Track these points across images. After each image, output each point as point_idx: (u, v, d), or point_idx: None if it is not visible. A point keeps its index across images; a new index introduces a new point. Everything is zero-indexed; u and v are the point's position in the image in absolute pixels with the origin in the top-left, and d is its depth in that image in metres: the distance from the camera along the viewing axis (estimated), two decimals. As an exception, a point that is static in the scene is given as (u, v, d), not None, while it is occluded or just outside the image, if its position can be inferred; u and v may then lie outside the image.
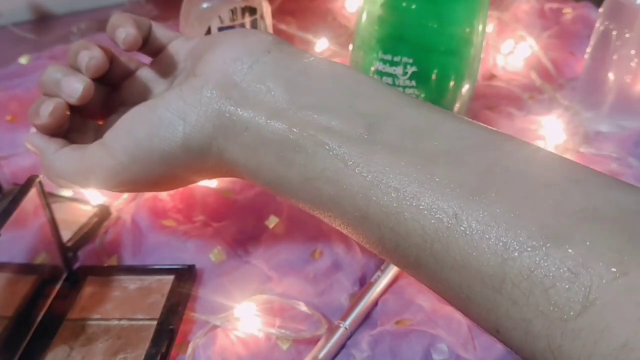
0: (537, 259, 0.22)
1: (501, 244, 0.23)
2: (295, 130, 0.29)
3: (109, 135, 0.34)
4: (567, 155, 0.54)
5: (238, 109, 0.31)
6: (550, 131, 0.57)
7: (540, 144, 0.56)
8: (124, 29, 0.36)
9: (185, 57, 0.38)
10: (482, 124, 0.28)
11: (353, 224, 0.28)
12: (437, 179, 0.25)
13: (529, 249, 0.22)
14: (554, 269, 0.21)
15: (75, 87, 0.35)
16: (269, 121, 0.30)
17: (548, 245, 0.22)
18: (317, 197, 0.29)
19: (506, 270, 0.23)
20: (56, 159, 0.36)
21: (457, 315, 0.39)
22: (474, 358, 0.36)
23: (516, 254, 0.22)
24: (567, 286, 0.21)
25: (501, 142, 0.27)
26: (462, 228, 0.24)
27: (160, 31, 0.40)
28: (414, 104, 0.29)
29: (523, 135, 0.58)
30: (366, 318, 0.40)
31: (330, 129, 0.28)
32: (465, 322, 0.39)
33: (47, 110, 0.36)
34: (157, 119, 0.32)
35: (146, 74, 0.40)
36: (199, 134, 0.31)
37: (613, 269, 0.21)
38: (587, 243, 0.22)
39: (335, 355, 0.37)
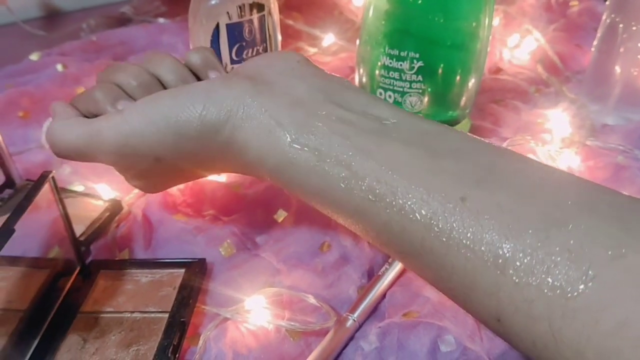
0: (538, 240, 0.23)
1: (505, 225, 0.24)
2: (311, 117, 0.31)
3: (129, 104, 0.35)
4: (573, 148, 0.54)
5: (261, 94, 0.33)
6: (557, 124, 0.56)
7: (546, 137, 0.56)
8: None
9: None
10: (478, 137, 0.31)
11: (361, 209, 0.29)
12: (444, 169, 0.27)
13: (531, 231, 0.23)
14: (554, 249, 0.23)
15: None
16: (288, 108, 0.32)
17: (548, 228, 0.23)
18: (326, 182, 0.30)
19: (509, 251, 0.24)
20: (64, 122, 0.36)
21: (464, 307, 0.39)
22: (481, 349, 0.36)
23: (518, 235, 0.24)
24: (566, 267, 0.22)
25: (500, 149, 0.29)
26: (468, 210, 0.25)
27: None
28: (422, 118, 0.32)
29: (529, 128, 0.58)
30: (374, 310, 0.40)
31: (347, 121, 0.30)
32: (472, 314, 0.39)
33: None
34: (184, 93, 0.34)
35: None
36: (217, 107, 0.33)
37: (610, 251, 0.22)
38: (586, 228, 0.23)
39: (344, 347, 0.37)
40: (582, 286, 0.22)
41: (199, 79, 0.39)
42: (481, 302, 0.25)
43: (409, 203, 0.27)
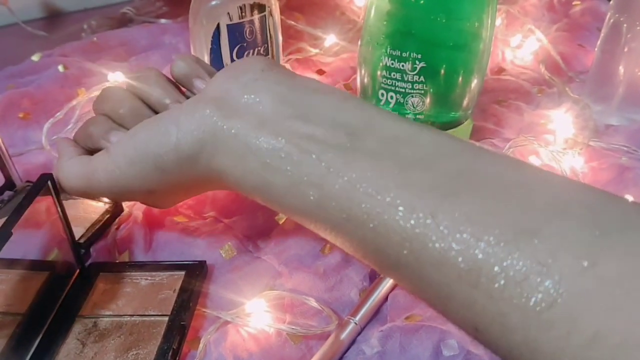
0: (509, 252, 0.23)
1: (474, 239, 0.24)
2: (281, 138, 0.31)
3: (115, 143, 0.37)
4: (577, 149, 0.53)
5: (228, 118, 0.33)
6: (560, 125, 0.56)
7: (549, 138, 0.55)
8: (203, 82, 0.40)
9: None
10: (456, 136, 0.30)
11: (337, 227, 0.30)
12: (413, 182, 0.27)
13: (501, 244, 0.23)
14: (525, 262, 0.22)
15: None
16: (256, 130, 0.32)
17: (518, 239, 0.23)
18: (302, 202, 0.30)
19: (480, 265, 0.23)
20: (67, 163, 0.39)
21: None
22: (484, 353, 0.36)
23: (489, 249, 0.23)
24: (538, 278, 0.22)
25: (473, 150, 0.29)
26: (439, 226, 0.25)
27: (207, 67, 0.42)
28: (395, 117, 0.31)
29: (532, 129, 0.57)
30: (376, 313, 0.39)
31: (314, 138, 0.30)
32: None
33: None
34: (156, 125, 0.35)
35: None
36: (189, 139, 0.34)
37: (582, 260, 0.21)
38: (556, 236, 0.22)
39: (346, 350, 0.37)
40: (554, 298, 0.21)
41: (186, 89, 0.41)
42: (458, 313, 0.26)
43: (380, 221, 0.27)
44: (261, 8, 0.50)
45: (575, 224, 0.23)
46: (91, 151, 0.40)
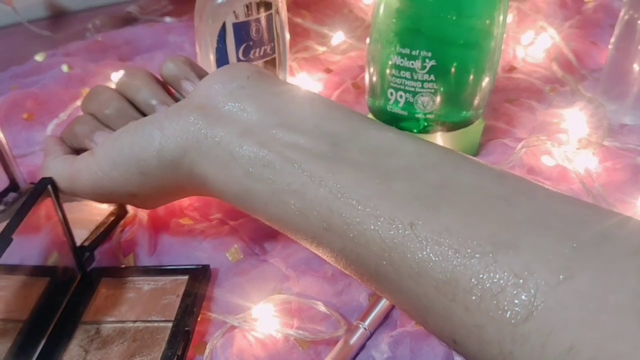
0: (486, 265, 0.23)
1: (452, 251, 0.24)
2: (263, 146, 0.31)
3: (99, 145, 0.37)
4: (591, 149, 0.52)
5: (212, 126, 0.33)
6: (573, 124, 0.55)
7: (562, 137, 0.54)
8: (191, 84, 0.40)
9: None
10: (440, 145, 0.31)
11: (318, 236, 0.30)
12: (394, 192, 0.27)
13: (478, 256, 0.24)
14: (501, 274, 0.23)
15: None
16: (240, 138, 0.32)
17: (495, 252, 0.23)
18: (283, 211, 0.31)
19: (458, 277, 0.24)
20: (52, 163, 0.39)
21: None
22: None
23: (466, 261, 0.24)
24: (514, 291, 0.22)
25: (456, 160, 0.29)
26: (418, 237, 0.25)
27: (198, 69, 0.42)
28: (380, 127, 0.32)
29: (545, 128, 0.56)
30: (386, 318, 0.39)
31: (298, 146, 0.31)
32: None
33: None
34: (141, 129, 0.35)
35: None
36: (173, 145, 0.34)
37: (558, 274, 0.22)
38: (533, 249, 0.23)
39: (355, 356, 0.36)
40: (529, 311, 0.22)
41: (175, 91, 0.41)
42: (437, 325, 0.26)
43: (360, 231, 0.27)
44: (267, 6, 0.50)
45: (553, 237, 0.23)
46: (77, 150, 0.41)
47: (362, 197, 0.28)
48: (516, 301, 0.22)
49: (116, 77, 0.59)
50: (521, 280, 0.22)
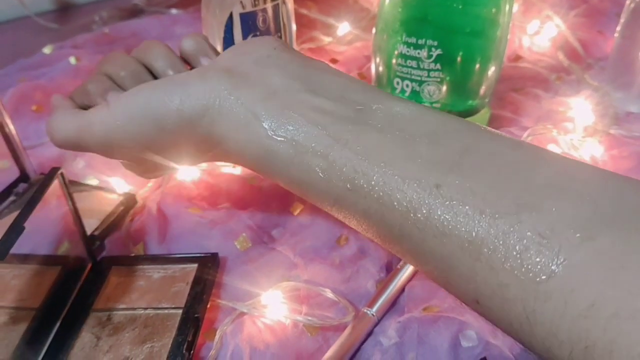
0: (511, 224, 0.24)
1: (478, 211, 0.25)
2: (288, 108, 0.31)
3: (115, 96, 0.36)
4: (597, 137, 0.53)
5: (236, 87, 0.33)
6: (579, 112, 0.55)
7: (568, 126, 0.54)
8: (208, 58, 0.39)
9: None
10: (458, 117, 0.31)
11: (341, 198, 0.30)
12: (419, 155, 0.27)
13: (503, 216, 0.24)
14: (526, 234, 0.23)
15: None
16: (264, 99, 0.32)
17: (520, 212, 0.24)
18: (306, 172, 0.31)
19: (483, 237, 0.24)
20: (59, 116, 0.38)
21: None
22: (503, 344, 0.36)
23: (491, 221, 0.24)
24: (538, 250, 0.23)
25: (475, 129, 0.29)
26: (443, 197, 0.26)
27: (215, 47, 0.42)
28: (400, 99, 0.32)
29: (551, 117, 0.56)
30: (393, 305, 0.39)
31: (323, 110, 0.31)
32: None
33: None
34: (161, 85, 0.34)
35: None
36: (194, 101, 0.33)
37: (580, 234, 0.22)
38: (556, 211, 0.23)
39: (363, 342, 0.37)
40: (553, 270, 0.22)
41: (192, 67, 0.40)
42: (459, 286, 0.26)
43: (385, 192, 0.27)
44: (274, -4, 0.50)
45: (574, 200, 0.24)
46: (87, 108, 0.39)
47: (387, 160, 0.28)
48: (540, 260, 0.23)
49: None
50: (545, 240, 0.23)
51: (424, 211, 0.26)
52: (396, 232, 0.28)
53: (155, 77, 0.39)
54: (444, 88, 0.48)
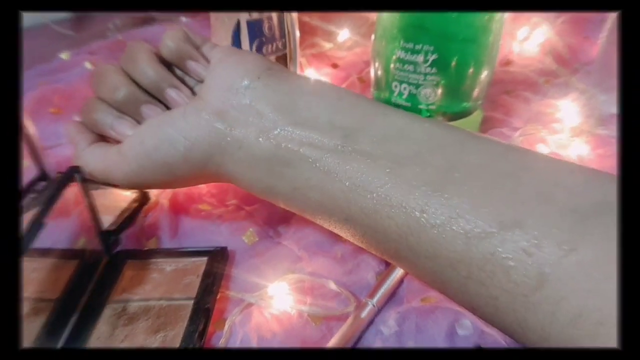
0: (496, 243, 0.24)
1: (463, 232, 0.25)
2: (281, 147, 0.32)
3: (126, 143, 0.37)
4: (583, 137, 0.52)
5: (232, 130, 0.33)
6: (567, 114, 0.55)
7: (557, 126, 0.54)
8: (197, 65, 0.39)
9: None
10: (446, 124, 0.30)
11: (340, 225, 0.31)
12: (404, 180, 0.27)
13: (488, 236, 0.24)
14: (510, 251, 0.23)
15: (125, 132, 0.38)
16: (258, 140, 0.32)
17: (505, 230, 0.24)
18: (305, 204, 0.32)
19: (470, 256, 0.24)
20: (85, 155, 0.39)
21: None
22: (497, 332, 0.35)
23: (477, 242, 0.24)
24: (523, 266, 0.23)
25: (463, 140, 0.29)
26: (430, 221, 0.26)
27: (196, 38, 0.41)
28: (387, 112, 0.32)
29: (540, 118, 0.56)
30: (393, 295, 0.39)
31: (312, 144, 0.31)
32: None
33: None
34: (164, 135, 0.35)
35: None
36: (198, 150, 0.34)
37: (564, 247, 0.22)
38: (538, 225, 0.23)
39: (364, 331, 0.37)
40: (539, 283, 0.22)
41: (179, 69, 0.40)
42: (456, 296, 0.27)
43: (377, 220, 0.28)
44: (279, 5, 0.50)
45: (557, 211, 0.24)
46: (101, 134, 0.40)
47: (375, 188, 0.28)
48: (526, 274, 0.23)
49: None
50: (529, 257, 0.23)
51: (414, 235, 0.27)
52: (392, 253, 0.29)
53: (148, 92, 0.39)
54: (440, 91, 0.47)
